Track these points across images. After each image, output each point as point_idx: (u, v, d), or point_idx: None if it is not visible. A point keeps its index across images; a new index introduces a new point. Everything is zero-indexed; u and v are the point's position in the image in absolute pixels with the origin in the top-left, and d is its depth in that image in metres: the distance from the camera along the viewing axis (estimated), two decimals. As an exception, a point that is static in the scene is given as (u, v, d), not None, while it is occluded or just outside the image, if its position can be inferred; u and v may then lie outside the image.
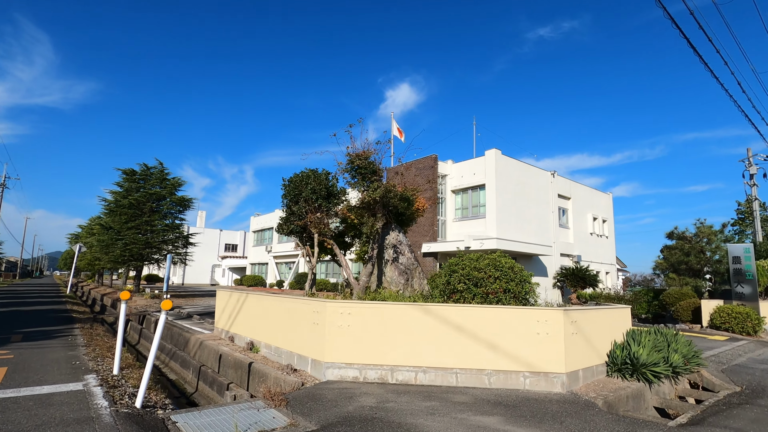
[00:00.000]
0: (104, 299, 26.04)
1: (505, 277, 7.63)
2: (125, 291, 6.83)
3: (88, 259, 34.67)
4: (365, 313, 6.85)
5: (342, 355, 6.79)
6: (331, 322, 6.86)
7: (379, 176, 8.29)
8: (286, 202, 10.15)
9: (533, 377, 6.44)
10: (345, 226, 9.30)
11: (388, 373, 6.68)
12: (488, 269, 7.73)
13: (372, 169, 8.15)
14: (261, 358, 8.40)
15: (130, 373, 7.20)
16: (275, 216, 48.88)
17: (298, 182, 9.95)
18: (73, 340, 10.06)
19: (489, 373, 6.50)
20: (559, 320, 6.49)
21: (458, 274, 7.89)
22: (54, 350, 8.58)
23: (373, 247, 8.78)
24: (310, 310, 7.29)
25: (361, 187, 8.27)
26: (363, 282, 8.64)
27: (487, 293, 7.56)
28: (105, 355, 8.31)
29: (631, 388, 6.74)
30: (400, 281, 8.91)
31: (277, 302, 8.52)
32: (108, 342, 10.20)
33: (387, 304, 6.89)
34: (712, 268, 20.30)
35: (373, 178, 8.20)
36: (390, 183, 8.33)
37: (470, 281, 7.71)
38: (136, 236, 23.35)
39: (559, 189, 32.05)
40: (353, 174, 8.26)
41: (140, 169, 25.49)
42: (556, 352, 6.43)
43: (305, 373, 7.11)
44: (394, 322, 6.78)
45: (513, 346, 6.51)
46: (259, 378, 7.40)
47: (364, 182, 8.09)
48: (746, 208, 50.23)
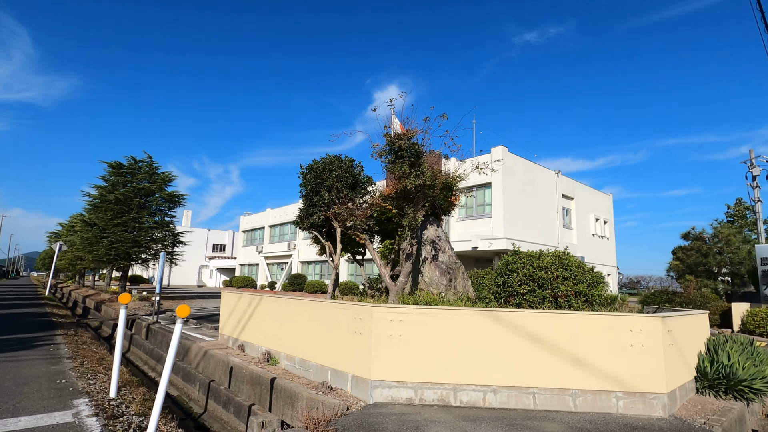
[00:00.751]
0: (86, 301, 24.29)
1: (574, 278, 6.54)
2: (125, 294, 5.53)
3: (69, 259, 32.69)
4: (421, 320, 5.67)
5: (392, 372, 5.60)
6: (378, 331, 5.67)
7: (422, 160, 7.15)
8: (305, 192, 8.88)
9: (627, 398, 5.34)
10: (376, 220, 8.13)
11: (449, 393, 5.51)
12: (554, 269, 6.63)
13: (416, 152, 7.00)
14: (282, 372, 7.15)
15: (129, 393, 5.89)
16: (267, 215, 47.30)
17: (320, 170, 8.71)
18: (56, 350, 8.64)
19: (573, 394, 5.38)
20: (657, 329, 5.41)
21: (518, 274, 6.78)
22: (33, 364, 7.18)
23: (412, 243, 7.62)
24: (350, 316, 6.09)
25: (398, 172, 7.12)
26: (401, 283, 7.47)
27: (555, 296, 6.46)
28: (96, 369, 6.96)
29: (735, 409, 5.69)
30: (441, 282, 7.76)
31: (302, 307, 7.28)
32: (97, 352, 8.80)
33: (447, 310, 5.73)
34: (730, 270, 19.62)
35: (417, 162, 7.04)
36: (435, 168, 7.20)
37: (534, 282, 6.60)
38: (122, 234, 21.71)
39: (562, 189, 31.33)
40: (392, 157, 7.10)
41: (127, 163, 23.83)
42: (655, 367, 5.35)
43: (345, 393, 5.90)
44: (455, 331, 5.62)
45: (601, 360, 5.41)
46: (285, 398, 6.15)
47: (406, 167, 6.93)
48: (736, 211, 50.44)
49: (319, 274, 38.11)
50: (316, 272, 38.59)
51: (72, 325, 13.43)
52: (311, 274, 38.95)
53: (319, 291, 33.69)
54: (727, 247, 19.49)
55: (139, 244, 22.66)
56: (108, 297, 21.90)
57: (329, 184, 8.54)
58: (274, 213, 46.42)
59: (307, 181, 8.82)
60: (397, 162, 7.11)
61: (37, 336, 10.35)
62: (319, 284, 34.32)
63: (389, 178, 8.01)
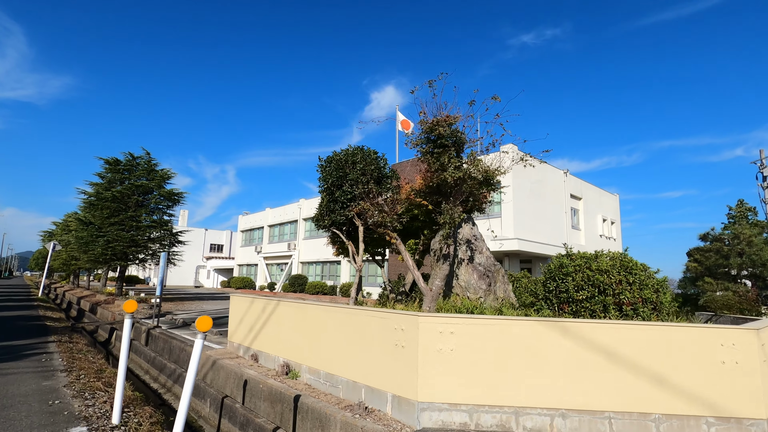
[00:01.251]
0: (81, 303, 23.32)
1: (640, 283, 5.78)
2: (130, 301, 4.71)
3: (63, 259, 31.69)
4: (474, 332, 4.89)
5: (443, 392, 4.81)
6: (426, 344, 4.88)
7: (462, 150, 6.38)
8: (324, 186, 8.03)
9: (720, 424, 4.58)
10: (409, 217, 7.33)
11: (510, 418, 4.73)
12: (616, 272, 5.87)
13: (458, 140, 6.22)
14: (305, 388, 6.35)
15: (134, 415, 5.06)
16: (266, 215, 46.35)
17: (342, 162, 7.89)
18: (49, 360, 7.79)
19: (657, 419, 4.61)
20: (752, 343, 4.66)
21: (574, 278, 6.01)
22: (22, 379, 6.33)
23: (448, 243, 6.84)
24: (389, 326, 5.29)
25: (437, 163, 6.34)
26: (437, 288, 6.68)
27: (619, 303, 5.69)
28: (94, 386, 6.11)
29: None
30: (479, 287, 6.98)
31: (327, 314, 6.48)
32: (95, 362, 7.96)
33: (505, 320, 4.94)
34: (753, 272, 18.96)
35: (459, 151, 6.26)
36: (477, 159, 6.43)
37: (594, 287, 5.84)
38: (119, 233, 20.80)
39: (571, 189, 30.67)
40: (429, 146, 6.31)
41: (125, 159, 22.93)
42: (751, 388, 4.59)
43: (385, 416, 5.10)
44: (513, 344, 4.84)
45: (688, 380, 4.65)
46: (314, 420, 5.36)
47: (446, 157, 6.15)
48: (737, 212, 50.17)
49: (320, 275, 37.24)
50: (317, 273, 37.72)
51: (66, 330, 12.55)
52: (312, 275, 38.06)
53: (320, 292, 32.79)
54: (749, 248, 18.84)
55: (137, 243, 21.76)
56: (104, 299, 20.96)
57: (353, 177, 7.72)
58: (274, 213, 45.53)
59: (328, 175, 7.99)
60: (434, 152, 6.32)
61: (28, 344, 9.48)
62: (320, 285, 33.45)
63: (421, 170, 7.23)
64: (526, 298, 6.88)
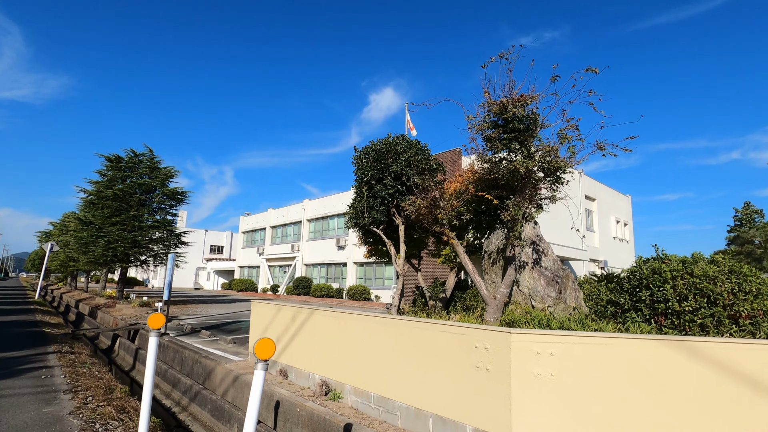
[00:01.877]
0: (80, 306, 22.27)
1: (757, 291, 4.87)
2: (157, 315, 3.77)
3: (61, 260, 30.62)
4: (579, 353, 3.97)
5: (545, 429, 3.88)
6: (520, 367, 3.96)
7: (534, 136, 5.48)
8: (363, 180, 7.05)
9: None
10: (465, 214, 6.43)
11: (631, 461, 3.80)
12: (726, 279, 4.96)
13: (532, 123, 5.31)
14: (352, 412, 5.42)
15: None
16: (268, 216, 45.32)
17: (383, 153, 6.95)
18: (50, 377, 6.81)
19: (816, 464, 3.70)
20: None
21: (673, 285, 5.09)
22: (20, 403, 5.36)
23: (515, 244, 5.93)
24: (468, 343, 4.36)
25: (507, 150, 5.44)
26: (502, 295, 5.76)
27: (735, 317, 4.78)
28: (105, 411, 5.14)
29: None
30: (548, 294, 6.06)
31: (376, 325, 5.53)
32: (101, 378, 6.99)
33: (619, 338, 4.01)
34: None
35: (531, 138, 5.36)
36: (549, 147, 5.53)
37: (703, 297, 4.92)
38: (121, 233, 19.79)
39: (585, 189, 29.83)
40: (497, 132, 5.41)
41: (127, 156, 21.92)
42: None
43: (466, 455, 4.17)
44: (630, 369, 3.92)
45: None
46: (374, 457, 4.42)
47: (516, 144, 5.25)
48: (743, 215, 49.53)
49: (324, 278, 36.23)
50: (322, 275, 36.71)
51: (66, 338, 11.55)
52: (316, 277, 37.06)
53: (325, 295, 31.79)
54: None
55: (139, 244, 20.75)
56: (104, 302, 19.94)
57: (396, 170, 6.80)
58: (277, 213, 44.52)
59: (366, 168, 7.04)
60: (503, 138, 5.41)
61: (26, 356, 8.49)
62: (325, 288, 32.46)
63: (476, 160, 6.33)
64: (602, 308, 5.97)
